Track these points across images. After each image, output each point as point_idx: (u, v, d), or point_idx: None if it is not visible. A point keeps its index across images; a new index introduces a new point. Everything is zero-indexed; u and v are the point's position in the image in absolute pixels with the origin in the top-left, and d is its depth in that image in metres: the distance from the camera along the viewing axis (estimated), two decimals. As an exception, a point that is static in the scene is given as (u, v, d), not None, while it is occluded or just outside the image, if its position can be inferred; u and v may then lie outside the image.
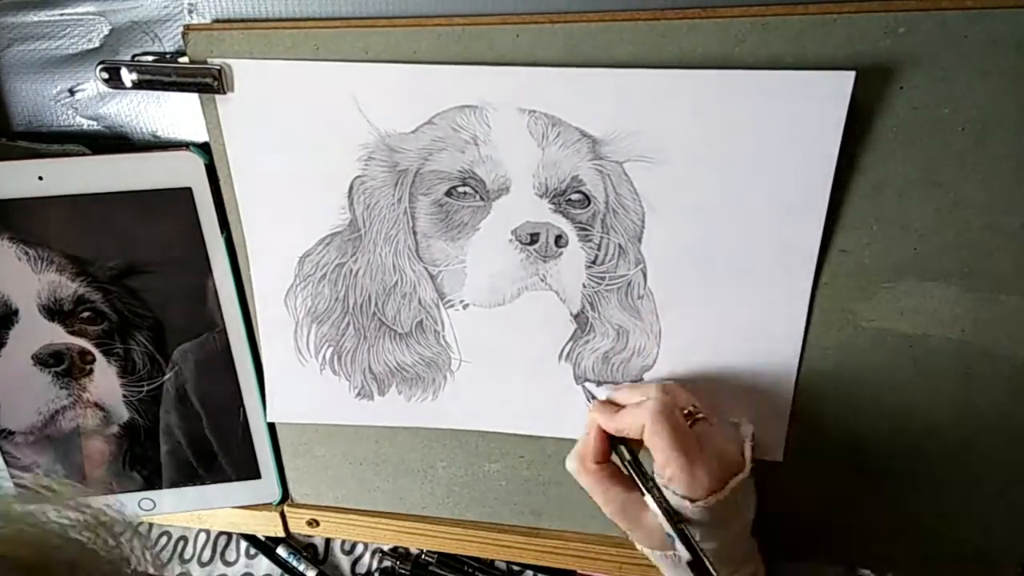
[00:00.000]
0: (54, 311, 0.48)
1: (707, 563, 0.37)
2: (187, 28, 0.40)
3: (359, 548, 0.61)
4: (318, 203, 0.43)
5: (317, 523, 0.55)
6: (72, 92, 0.46)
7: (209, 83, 0.41)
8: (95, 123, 0.46)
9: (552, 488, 0.50)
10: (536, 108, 0.39)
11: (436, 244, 0.43)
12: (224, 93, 0.41)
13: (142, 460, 0.53)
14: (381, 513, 0.54)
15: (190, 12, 0.41)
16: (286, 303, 0.46)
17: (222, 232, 0.46)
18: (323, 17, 0.40)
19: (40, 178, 0.45)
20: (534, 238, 0.42)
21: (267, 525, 0.57)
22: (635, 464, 0.40)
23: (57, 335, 0.48)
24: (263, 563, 0.62)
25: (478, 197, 0.41)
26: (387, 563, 0.60)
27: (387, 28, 0.39)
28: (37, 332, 0.48)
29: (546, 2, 0.38)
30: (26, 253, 0.46)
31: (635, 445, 0.40)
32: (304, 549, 0.61)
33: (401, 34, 0.39)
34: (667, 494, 0.38)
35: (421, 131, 0.40)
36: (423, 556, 0.59)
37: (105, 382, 0.50)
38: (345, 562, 0.61)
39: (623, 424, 0.40)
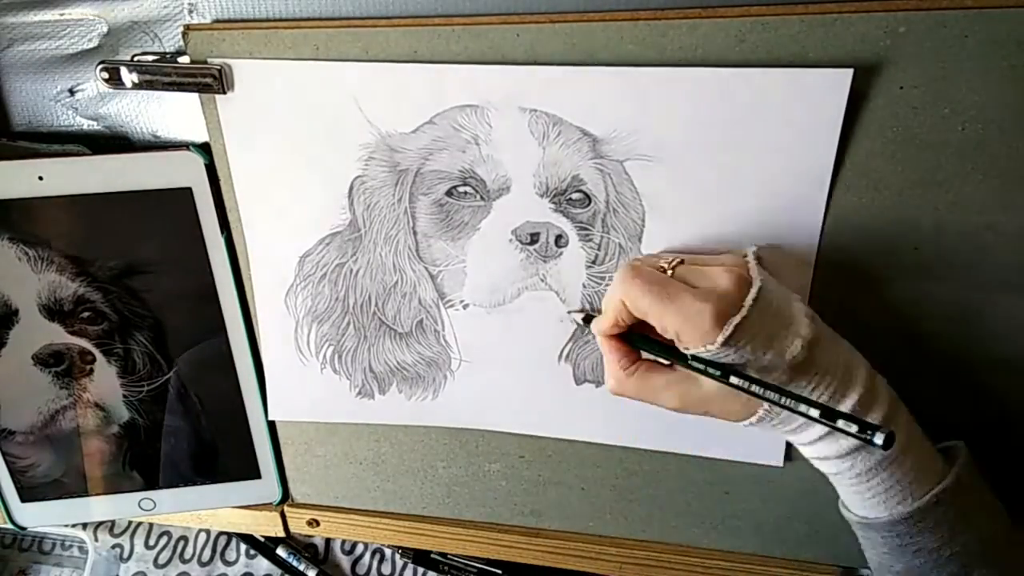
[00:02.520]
0: (54, 311, 0.48)
1: (778, 392, 0.32)
2: (187, 28, 0.40)
3: (359, 548, 0.61)
4: (318, 203, 0.43)
5: (317, 523, 0.55)
6: (72, 92, 0.46)
7: (209, 83, 0.41)
8: (95, 123, 0.46)
9: (552, 488, 0.50)
10: (537, 107, 0.39)
11: (436, 244, 0.43)
12: (224, 93, 0.41)
13: (142, 460, 0.53)
14: (381, 513, 0.54)
15: (190, 12, 0.41)
16: (286, 303, 0.46)
17: (222, 232, 0.46)
18: (323, 17, 0.40)
19: (40, 178, 0.45)
20: (534, 238, 0.42)
21: (267, 525, 0.57)
22: (655, 344, 0.37)
23: (57, 335, 0.48)
24: (263, 563, 0.62)
25: (478, 197, 0.41)
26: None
27: (387, 28, 0.39)
28: (37, 332, 0.48)
29: (547, 2, 0.38)
30: (26, 253, 0.46)
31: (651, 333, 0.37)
32: (304, 549, 0.61)
33: (401, 34, 0.39)
34: (694, 351, 0.34)
35: (421, 131, 0.40)
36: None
37: (105, 382, 0.50)
38: (345, 562, 0.61)
39: (606, 309, 0.37)
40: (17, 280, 0.47)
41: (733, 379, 0.34)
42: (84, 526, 0.63)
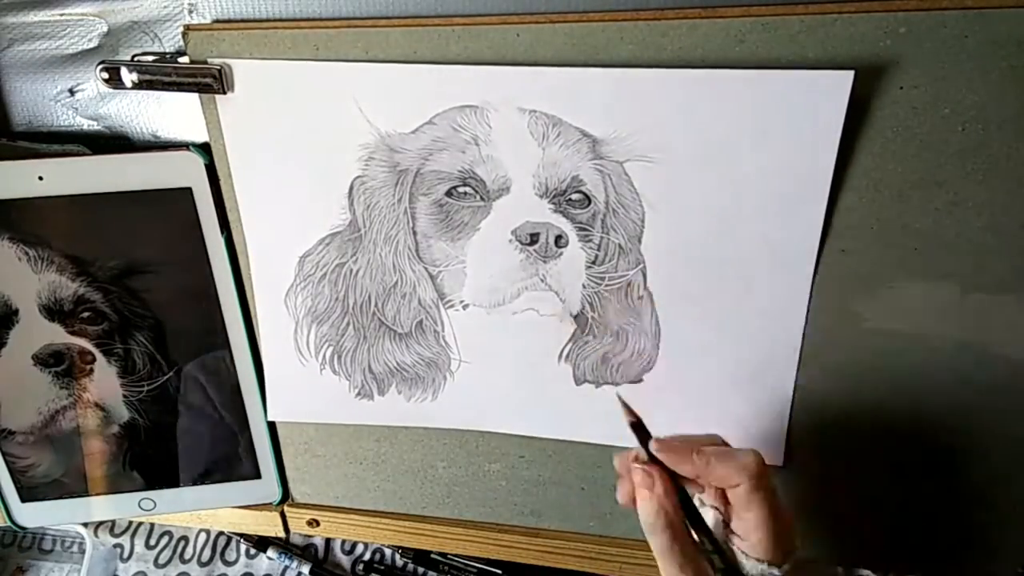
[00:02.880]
0: (54, 311, 0.48)
1: None
2: (187, 28, 0.40)
3: (359, 548, 0.61)
4: (318, 203, 0.43)
5: (317, 523, 0.55)
6: (72, 92, 0.46)
7: (209, 83, 0.41)
8: (95, 123, 0.46)
9: (552, 488, 0.50)
10: (537, 108, 0.39)
11: (436, 244, 0.43)
12: (224, 93, 0.41)
13: (142, 460, 0.53)
14: (381, 513, 0.54)
15: (190, 12, 0.41)
16: (286, 303, 0.46)
17: (222, 232, 0.46)
18: (323, 17, 0.40)
19: (40, 178, 0.45)
20: (534, 238, 0.42)
21: (267, 525, 0.57)
22: (698, 519, 0.36)
23: (57, 335, 0.48)
24: (263, 563, 0.62)
25: (478, 197, 0.41)
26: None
27: (387, 28, 0.39)
28: (37, 332, 0.48)
29: (546, 2, 0.38)
30: (26, 253, 0.46)
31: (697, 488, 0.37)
32: (303, 550, 0.62)
33: (401, 34, 0.39)
34: (741, 556, 0.36)
35: (421, 131, 0.40)
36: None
37: (105, 382, 0.50)
38: (345, 562, 0.61)
39: (714, 475, 0.35)
40: (17, 280, 0.47)
41: None
42: (84, 524, 0.63)
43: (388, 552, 0.61)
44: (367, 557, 0.61)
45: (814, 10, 0.35)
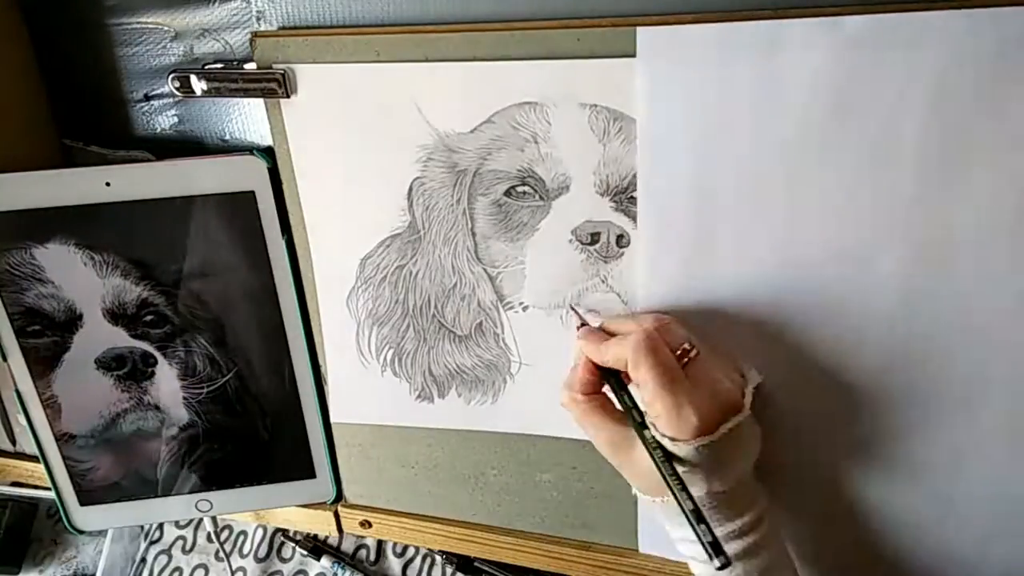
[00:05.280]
0: (118, 315, 0.49)
1: (695, 508, 0.35)
2: (255, 35, 0.41)
3: (411, 551, 0.61)
4: (378, 205, 0.44)
5: (369, 524, 0.55)
6: (148, 97, 0.47)
7: (273, 88, 0.41)
8: (167, 128, 0.47)
9: (604, 501, 0.49)
10: (597, 103, 0.38)
11: (495, 245, 0.43)
12: (288, 97, 0.42)
13: (200, 461, 0.53)
14: (432, 518, 0.54)
15: (258, 19, 0.42)
16: (348, 305, 0.47)
17: (283, 235, 0.46)
18: (385, 23, 0.41)
19: (107, 184, 0.46)
20: (595, 238, 0.41)
21: (321, 524, 0.57)
22: (625, 397, 0.38)
23: (120, 339, 0.49)
24: (316, 561, 0.62)
25: (537, 196, 0.41)
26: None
27: (447, 34, 0.39)
28: (101, 336, 0.49)
29: (607, 5, 0.37)
30: (92, 258, 0.47)
31: (627, 379, 0.38)
32: (354, 558, 0.62)
33: (460, 39, 0.39)
34: (655, 433, 0.36)
35: (480, 130, 0.40)
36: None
37: (166, 384, 0.51)
38: (397, 565, 0.61)
39: (608, 356, 0.38)
40: (82, 285, 0.48)
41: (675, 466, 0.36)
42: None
43: (439, 558, 0.60)
44: (418, 562, 0.61)
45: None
